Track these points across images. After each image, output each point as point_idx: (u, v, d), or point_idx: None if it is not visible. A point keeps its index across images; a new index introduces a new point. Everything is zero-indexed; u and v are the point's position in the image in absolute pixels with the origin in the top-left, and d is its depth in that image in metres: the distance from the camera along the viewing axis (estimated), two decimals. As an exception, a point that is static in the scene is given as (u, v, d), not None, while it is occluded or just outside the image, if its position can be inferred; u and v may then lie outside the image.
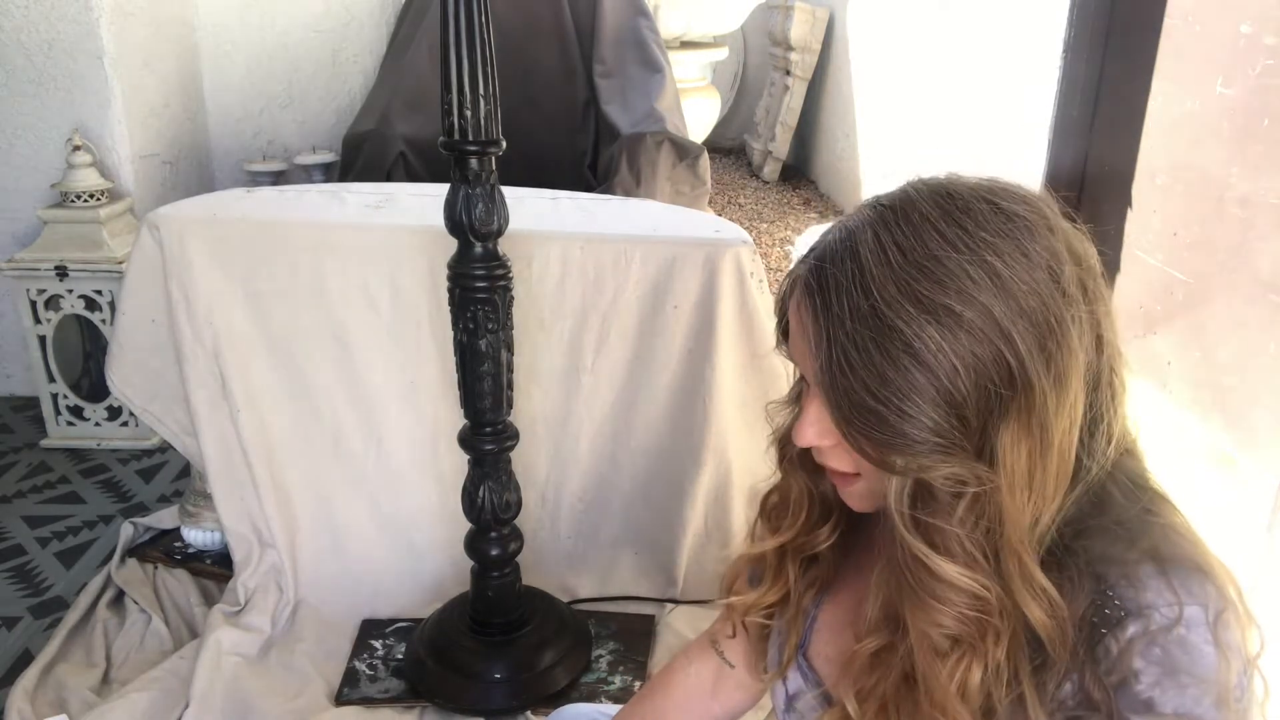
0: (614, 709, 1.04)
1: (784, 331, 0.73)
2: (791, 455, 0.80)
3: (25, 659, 1.65)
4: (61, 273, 2.27)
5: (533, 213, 1.78)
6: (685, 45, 4.01)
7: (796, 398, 0.79)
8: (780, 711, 0.87)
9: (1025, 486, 0.63)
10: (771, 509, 0.85)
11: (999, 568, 0.64)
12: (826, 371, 0.64)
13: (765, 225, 4.30)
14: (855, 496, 0.73)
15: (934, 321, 0.60)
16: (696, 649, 0.98)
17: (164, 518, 1.94)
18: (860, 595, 0.79)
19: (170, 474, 2.28)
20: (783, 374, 1.72)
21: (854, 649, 0.73)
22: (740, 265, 1.66)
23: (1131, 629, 0.61)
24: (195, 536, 1.84)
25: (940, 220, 0.62)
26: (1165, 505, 0.68)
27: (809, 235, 2.84)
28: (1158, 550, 0.63)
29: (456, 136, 1.27)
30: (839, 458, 0.70)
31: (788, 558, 0.83)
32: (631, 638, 1.67)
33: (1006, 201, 0.64)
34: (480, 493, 1.48)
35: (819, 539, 0.81)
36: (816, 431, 0.68)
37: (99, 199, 2.34)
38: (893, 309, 0.61)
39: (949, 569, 0.63)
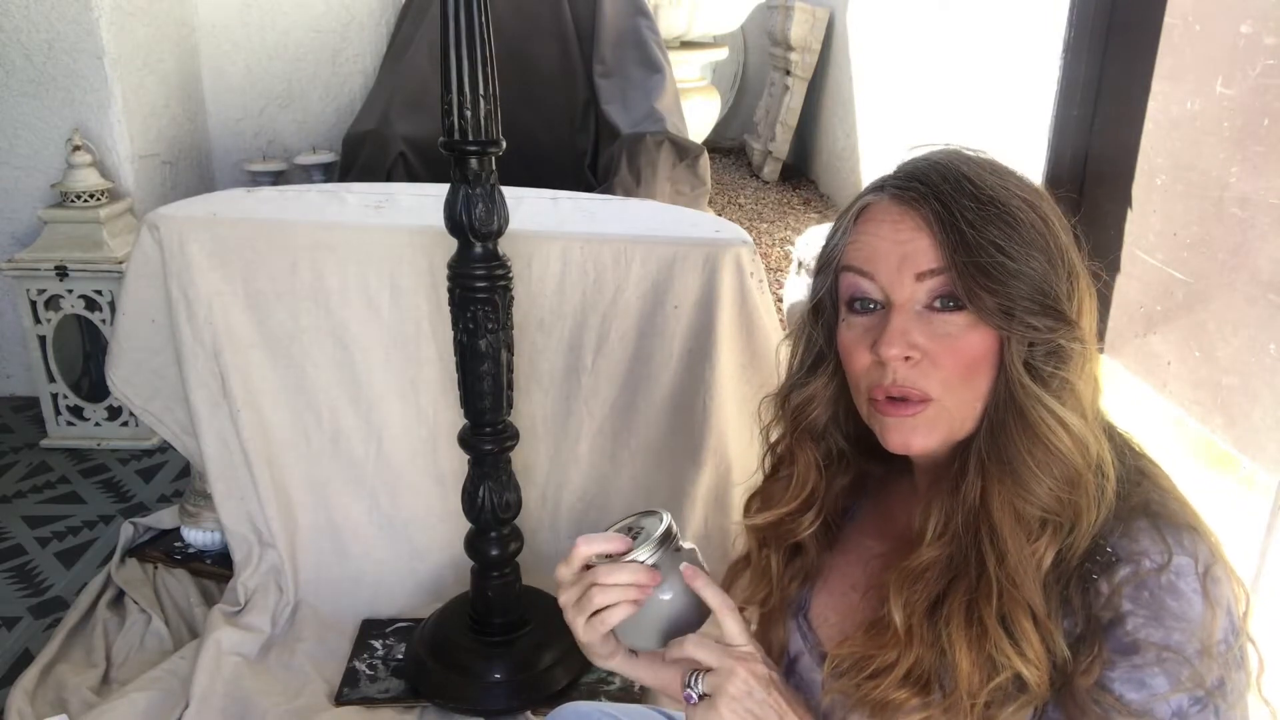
0: (614, 707, 1.04)
1: (829, 276, 0.76)
2: (804, 427, 0.82)
3: (25, 659, 1.65)
4: (61, 273, 2.27)
5: (533, 213, 1.78)
6: (685, 45, 4.01)
7: (813, 371, 0.81)
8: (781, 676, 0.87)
9: (1094, 353, 0.71)
10: (769, 484, 0.86)
11: (1086, 428, 0.68)
12: (956, 236, 0.68)
13: (765, 225, 4.30)
14: (922, 427, 0.72)
15: (1030, 210, 0.70)
16: None
17: (164, 518, 1.94)
18: (862, 561, 0.82)
19: (170, 474, 2.28)
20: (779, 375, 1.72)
21: (899, 565, 0.73)
22: (740, 265, 1.66)
23: (1122, 572, 0.64)
24: (195, 536, 1.84)
25: (996, 170, 0.72)
26: (1154, 468, 0.72)
27: (809, 235, 2.84)
28: (1150, 507, 0.67)
29: (456, 136, 1.27)
30: (919, 374, 0.70)
31: (770, 551, 0.85)
32: (631, 638, 1.67)
33: (997, 164, 0.74)
34: (480, 493, 1.48)
35: (801, 526, 0.83)
36: (905, 344, 0.69)
37: (99, 199, 2.34)
38: (999, 198, 0.69)
39: (1065, 411, 0.67)
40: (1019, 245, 0.68)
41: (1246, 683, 0.65)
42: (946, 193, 0.70)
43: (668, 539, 0.76)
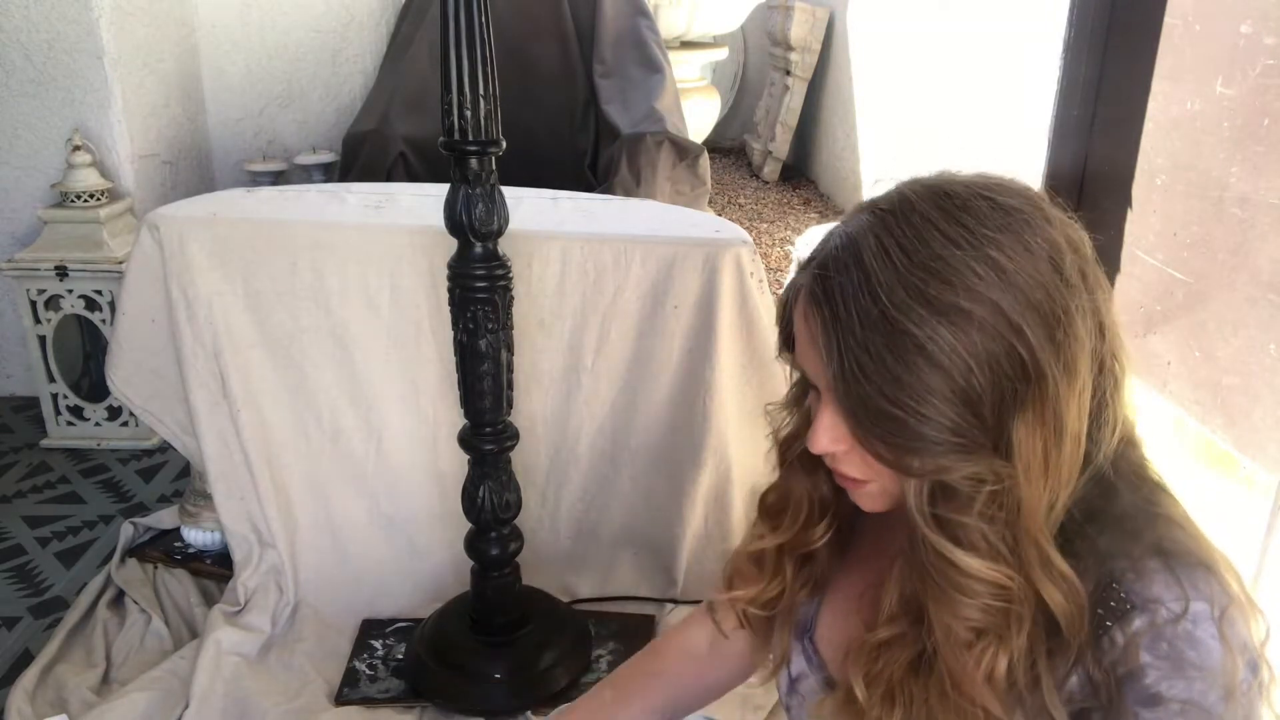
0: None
1: (787, 340, 0.74)
2: (794, 458, 0.81)
3: (25, 659, 1.65)
4: (61, 273, 2.27)
5: (533, 213, 1.78)
6: (685, 45, 4.01)
7: (795, 400, 0.80)
8: (783, 693, 0.88)
9: (1041, 474, 0.63)
10: (770, 508, 0.86)
11: (1019, 556, 0.64)
12: (840, 380, 0.64)
13: (765, 225, 4.30)
14: (868, 498, 0.73)
15: (945, 321, 0.61)
16: (694, 617, 1.00)
17: (164, 518, 1.94)
18: (865, 582, 0.81)
19: (170, 474, 2.28)
20: (781, 374, 1.72)
21: (864, 637, 0.73)
22: (740, 265, 1.66)
23: (1137, 622, 0.62)
24: (195, 536, 1.84)
25: (941, 219, 0.63)
26: (1166, 497, 0.69)
27: (809, 235, 2.84)
28: (1162, 545, 0.64)
29: (456, 136, 1.27)
30: (852, 463, 0.70)
31: (784, 556, 0.84)
32: (631, 638, 1.67)
33: (1002, 196, 0.64)
34: (480, 493, 1.48)
35: (813, 538, 0.82)
36: (830, 438, 0.68)
37: (99, 199, 2.34)
38: (903, 312, 0.61)
39: (973, 563, 0.64)
40: (919, 384, 0.61)
41: (1266, 706, 0.64)
42: (838, 305, 0.63)
43: None
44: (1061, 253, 0.64)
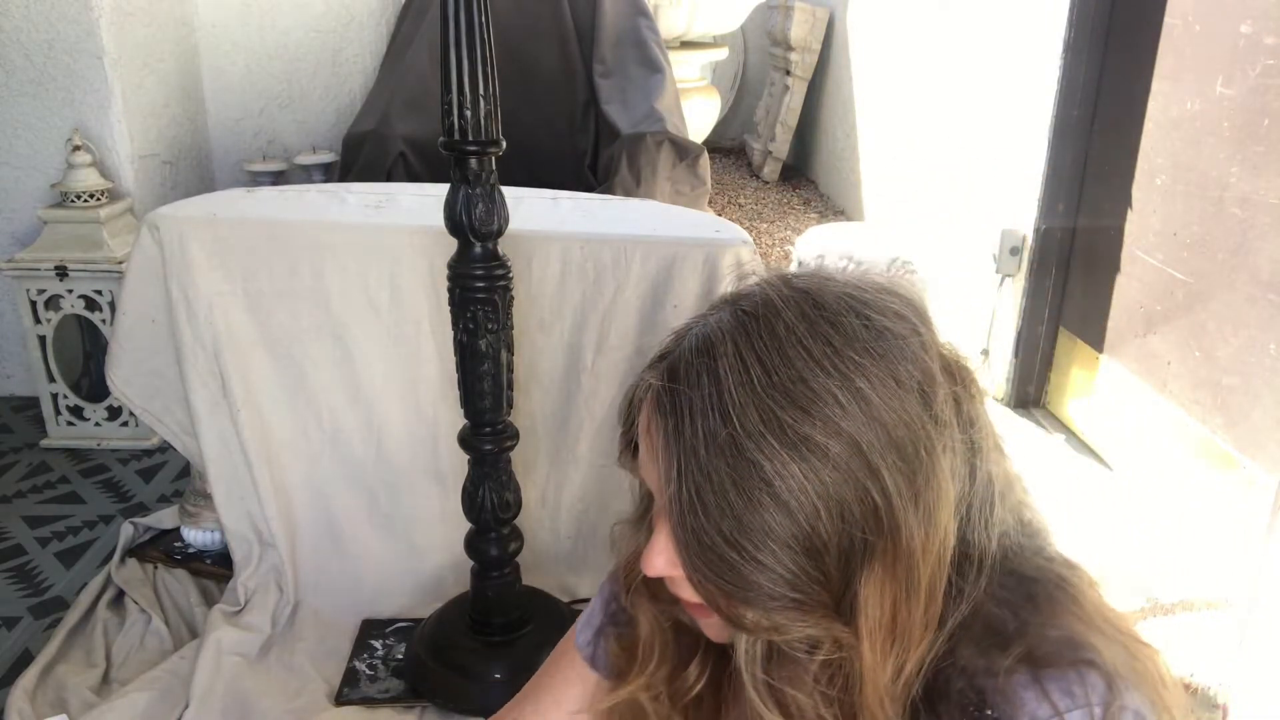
0: None
1: (629, 443, 0.65)
2: (637, 585, 0.71)
3: (25, 659, 1.65)
4: (61, 273, 2.27)
5: (533, 213, 1.78)
6: (685, 45, 4.01)
7: (643, 515, 0.70)
8: None
9: (888, 638, 0.56)
10: (618, 648, 0.76)
11: None
12: (676, 505, 0.56)
13: (765, 225, 4.30)
14: (714, 628, 0.64)
15: (797, 456, 0.54)
16: (566, 661, 0.89)
17: (164, 518, 1.94)
18: None
19: (170, 474, 2.28)
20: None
21: None
22: (740, 265, 1.66)
23: None
24: (195, 536, 1.84)
25: (807, 335, 0.56)
26: (1052, 589, 0.60)
27: (809, 235, 2.84)
28: (1033, 652, 0.56)
29: (456, 136, 1.27)
30: (686, 587, 0.61)
31: (672, 715, 0.73)
32: (631, 638, 1.67)
33: (877, 314, 0.57)
34: (480, 493, 1.48)
35: (688, 681, 0.71)
36: (667, 560, 0.59)
37: (99, 199, 2.34)
38: (753, 439, 0.54)
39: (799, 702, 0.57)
40: (760, 525, 0.54)
41: None
42: (684, 419, 0.56)
43: None
44: (935, 384, 0.57)
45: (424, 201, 1.81)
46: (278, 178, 2.89)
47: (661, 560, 0.60)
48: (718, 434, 0.54)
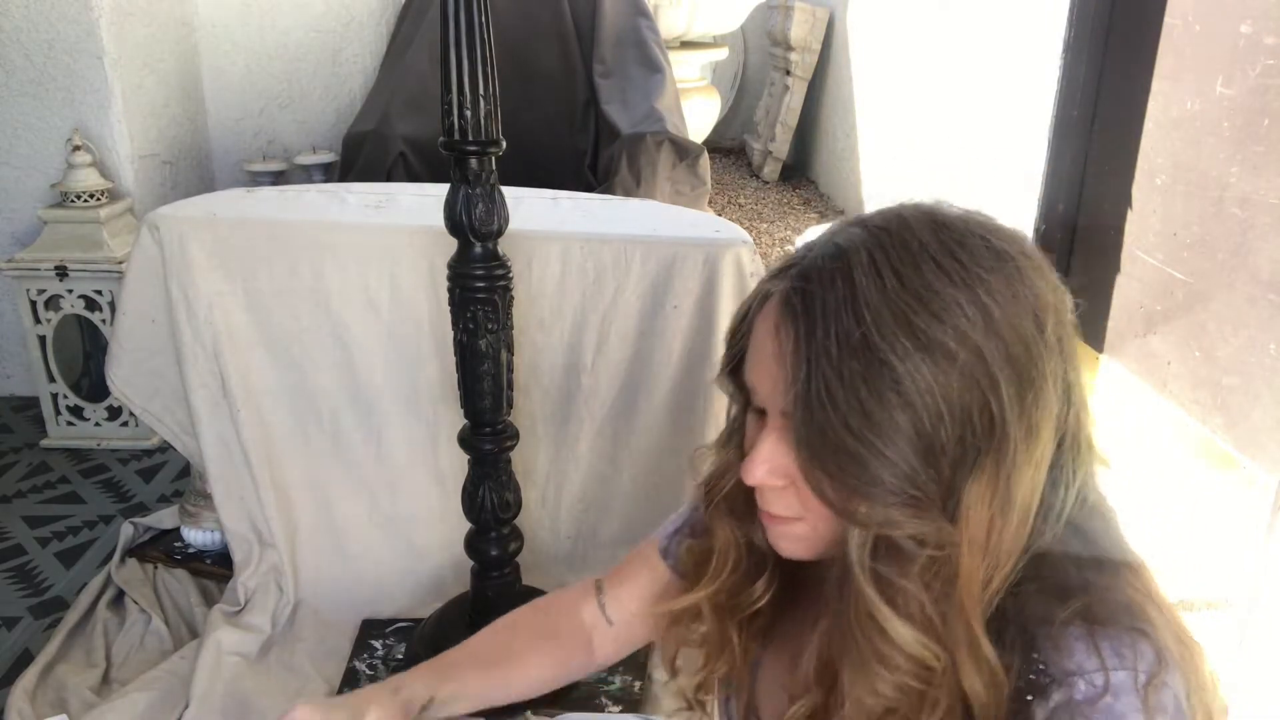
0: (614, 716, 1.03)
1: (734, 357, 0.67)
2: (719, 500, 0.74)
3: (25, 659, 1.65)
4: (61, 273, 2.27)
5: (533, 213, 1.78)
6: (685, 45, 4.01)
7: (727, 440, 0.73)
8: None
9: (983, 548, 0.59)
10: (689, 555, 0.79)
11: (949, 633, 0.59)
12: (803, 402, 0.58)
13: (765, 225, 4.30)
14: (790, 539, 0.66)
15: (927, 359, 0.56)
16: (582, 591, 0.93)
17: (164, 518, 1.93)
18: (797, 649, 0.74)
19: (170, 474, 2.28)
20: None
21: (788, 712, 0.68)
22: (740, 265, 1.66)
23: (1056, 698, 0.57)
24: (195, 536, 1.84)
25: (937, 249, 0.59)
26: (1117, 561, 0.63)
27: (809, 235, 2.84)
28: (1090, 610, 0.59)
29: (456, 136, 1.27)
30: (785, 501, 0.64)
31: (727, 624, 0.77)
32: (631, 638, 1.67)
33: (997, 239, 0.61)
34: (480, 493, 1.48)
35: (754, 595, 0.75)
36: (769, 470, 0.63)
37: (99, 199, 2.34)
38: (886, 340, 0.56)
39: (904, 632, 0.59)
40: (888, 422, 0.56)
41: None
42: (816, 319, 0.58)
43: None
44: (1046, 311, 0.60)
45: (424, 201, 1.81)
46: (278, 178, 2.89)
47: (763, 470, 0.63)
48: (851, 334, 0.57)
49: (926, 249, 0.59)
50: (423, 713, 0.84)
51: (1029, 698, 0.58)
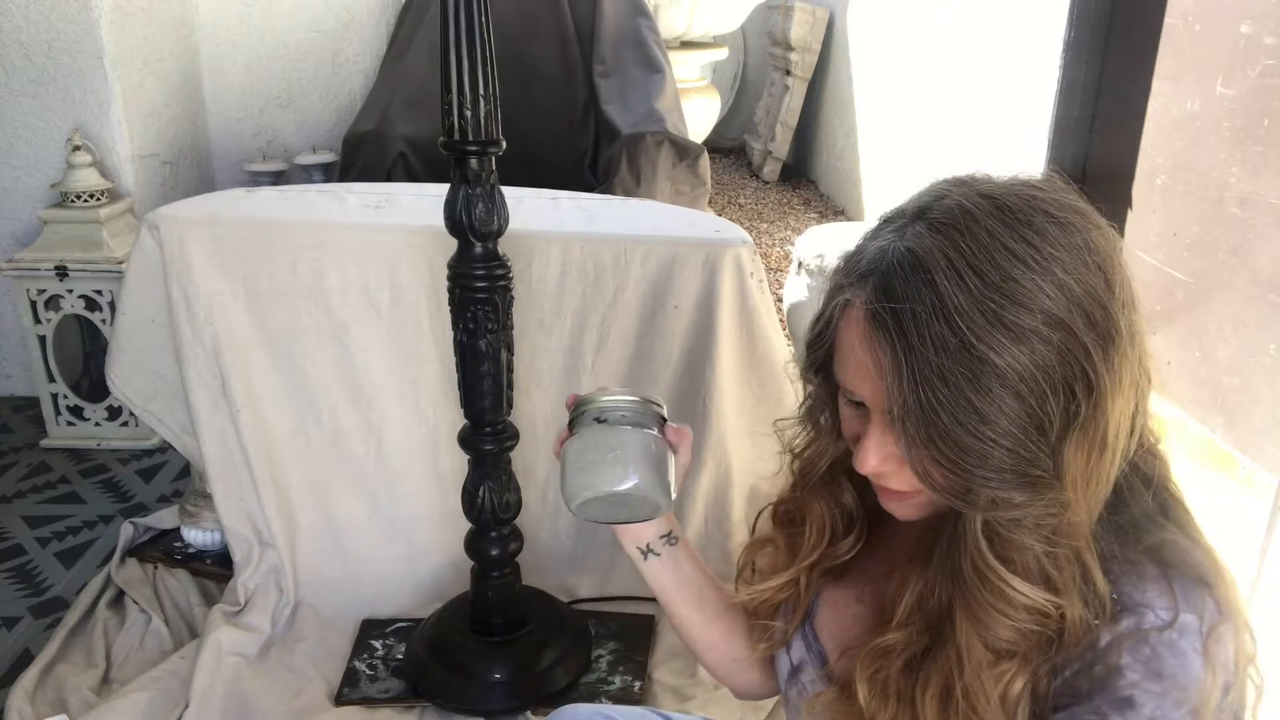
0: (613, 709, 1.04)
1: (817, 359, 0.71)
2: (813, 478, 0.79)
3: (25, 659, 1.65)
4: (61, 273, 2.27)
5: (533, 213, 1.78)
6: (685, 45, 4.00)
7: (810, 414, 0.78)
8: (784, 680, 0.86)
9: (1084, 491, 0.63)
10: (784, 518, 0.84)
11: (1062, 579, 0.63)
12: (912, 409, 0.61)
13: (765, 225, 4.30)
14: (907, 508, 0.70)
15: (1024, 347, 0.59)
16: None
17: (164, 518, 1.94)
18: (871, 575, 0.79)
19: (170, 474, 2.28)
20: (781, 374, 1.72)
21: (872, 638, 0.71)
22: (740, 265, 1.66)
23: (1124, 624, 0.61)
24: (195, 536, 1.84)
25: (1007, 236, 0.60)
26: (1178, 508, 0.68)
27: (809, 235, 2.83)
28: (1163, 553, 0.63)
29: (456, 136, 1.27)
30: (902, 478, 0.67)
31: (804, 566, 0.82)
32: (631, 638, 1.67)
33: (1057, 210, 0.63)
34: (480, 493, 1.48)
35: (840, 551, 0.80)
36: (880, 458, 0.66)
37: (99, 199, 2.34)
38: (983, 340, 0.59)
39: (1022, 587, 0.63)
40: (990, 406, 0.59)
41: None
42: (911, 333, 0.60)
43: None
44: (1110, 266, 0.63)
45: (424, 201, 1.81)
46: (278, 178, 2.89)
47: (875, 459, 0.66)
48: (948, 342, 0.59)
49: (998, 238, 0.60)
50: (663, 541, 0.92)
51: (1095, 622, 0.62)
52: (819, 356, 0.71)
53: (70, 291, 2.29)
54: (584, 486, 0.83)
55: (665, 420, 0.88)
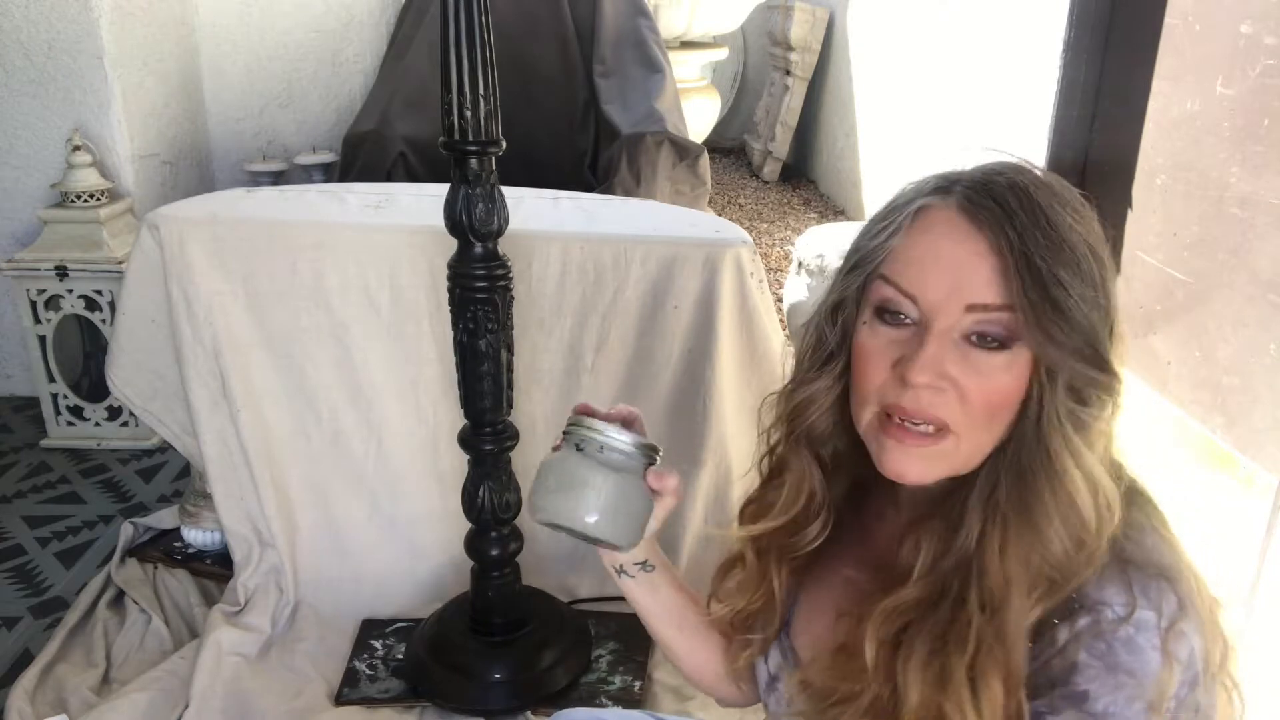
0: (614, 711, 1.04)
1: (855, 281, 0.71)
2: (801, 431, 0.78)
3: (25, 659, 1.65)
4: (61, 273, 2.27)
5: (533, 213, 1.78)
6: (685, 45, 4.00)
7: (821, 370, 0.77)
8: (762, 689, 0.86)
9: (1118, 409, 0.70)
10: (755, 519, 0.83)
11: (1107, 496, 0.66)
12: (1029, 278, 0.64)
13: (765, 225, 4.30)
14: (926, 459, 0.68)
15: (1090, 250, 0.66)
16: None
17: (164, 518, 1.94)
18: (842, 576, 0.79)
19: (170, 474, 2.28)
20: (781, 374, 1.72)
21: (891, 601, 0.70)
22: (740, 265, 1.66)
23: (1082, 621, 0.63)
24: (195, 536, 1.84)
25: (1053, 200, 0.67)
26: (1143, 501, 0.70)
27: (809, 235, 2.83)
28: (1124, 550, 0.65)
29: (456, 136, 1.27)
30: (943, 403, 0.66)
31: (771, 562, 0.81)
32: (631, 638, 1.67)
33: (1066, 190, 0.69)
34: (480, 493, 1.48)
35: (807, 538, 0.79)
36: (936, 372, 0.66)
37: (99, 199, 2.34)
38: (1066, 234, 0.65)
39: (1097, 468, 0.65)
40: (1081, 291, 0.65)
41: None
42: (1023, 222, 0.65)
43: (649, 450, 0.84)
44: (1104, 246, 0.69)
45: (424, 201, 1.81)
46: (278, 178, 2.89)
47: (931, 370, 0.66)
48: (1039, 217, 0.65)
49: (1049, 187, 0.68)
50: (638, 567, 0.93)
51: (1055, 620, 0.63)
52: (852, 282, 0.72)
53: (70, 291, 2.29)
54: (540, 508, 0.84)
55: (654, 463, 0.86)
